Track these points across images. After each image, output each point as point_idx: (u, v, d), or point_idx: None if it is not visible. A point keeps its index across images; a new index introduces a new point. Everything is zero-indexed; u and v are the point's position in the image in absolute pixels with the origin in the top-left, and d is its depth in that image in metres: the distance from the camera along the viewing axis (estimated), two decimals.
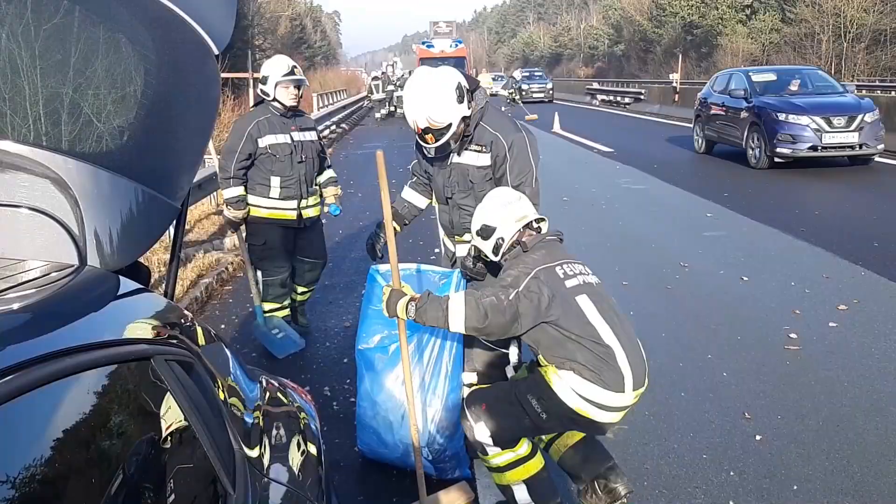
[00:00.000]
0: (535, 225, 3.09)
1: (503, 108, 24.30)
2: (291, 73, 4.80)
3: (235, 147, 4.74)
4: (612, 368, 2.83)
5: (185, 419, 1.60)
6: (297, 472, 2.08)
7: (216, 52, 2.28)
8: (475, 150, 3.40)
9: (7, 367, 1.21)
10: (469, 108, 3.29)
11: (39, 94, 2.05)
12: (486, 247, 3.09)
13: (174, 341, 1.73)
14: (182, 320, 1.92)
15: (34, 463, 1.23)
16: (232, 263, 7.32)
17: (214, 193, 9.80)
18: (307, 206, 5.04)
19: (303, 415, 2.36)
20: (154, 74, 2.18)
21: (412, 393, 3.11)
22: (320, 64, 64.03)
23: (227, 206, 4.91)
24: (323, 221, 5.41)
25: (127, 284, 1.89)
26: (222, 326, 5.70)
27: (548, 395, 2.88)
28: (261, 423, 2.07)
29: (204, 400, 1.70)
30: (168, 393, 1.59)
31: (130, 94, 2.18)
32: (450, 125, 3.22)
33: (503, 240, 3.03)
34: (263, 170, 4.84)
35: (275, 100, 4.82)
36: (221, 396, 1.86)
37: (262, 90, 4.88)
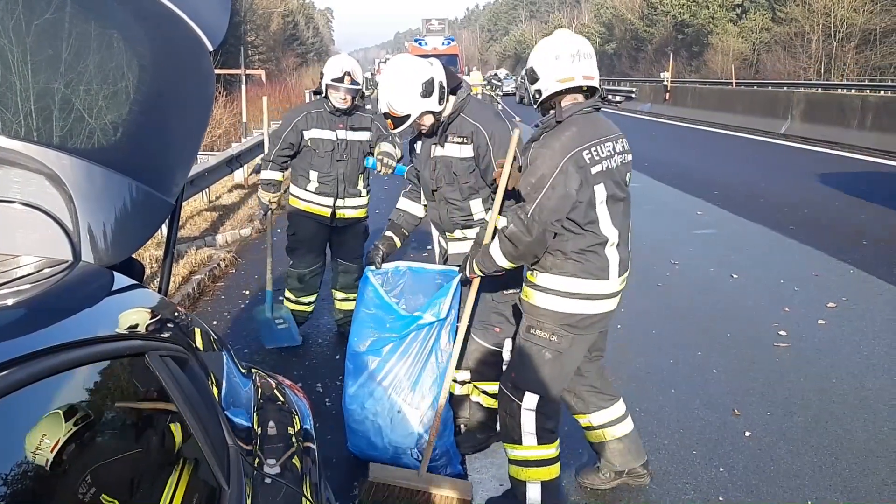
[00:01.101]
0: (584, 89, 2.89)
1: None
2: (341, 79, 4.70)
3: (280, 134, 4.87)
4: (599, 256, 2.85)
5: (179, 415, 1.61)
6: (290, 468, 2.08)
7: (210, 48, 2.28)
8: (457, 142, 3.41)
9: (1, 363, 1.21)
10: (440, 104, 3.34)
11: (31, 90, 2.04)
12: (530, 89, 2.97)
13: (168, 337, 1.74)
14: (176, 316, 1.93)
15: (29, 458, 1.24)
16: (224, 260, 7.31)
17: (207, 190, 9.79)
18: (344, 207, 4.97)
19: (296, 411, 2.37)
20: (148, 70, 2.18)
21: (455, 360, 3.24)
22: (313, 61, 63.89)
23: (260, 186, 5.02)
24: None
25: (121, 280, 1.89)
26: (215, 322, 5.69)
27: (542, 315, 2.92)
28: (254, 419, 2.08)
29: (198, 395, 1.71)
30: (162, 388, 1.60)
31: (123, 90, 2.18)
32: (408, 116, 3.32)
33: (540, 93, 2.90)
34: (305, 162, 4.90)
35: (327, 97, 4.78)
36: (215, 392, 1.87)
37: (320, 84, 4.88)
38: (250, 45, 39.90)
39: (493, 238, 2.98)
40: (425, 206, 3.73)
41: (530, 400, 2.96)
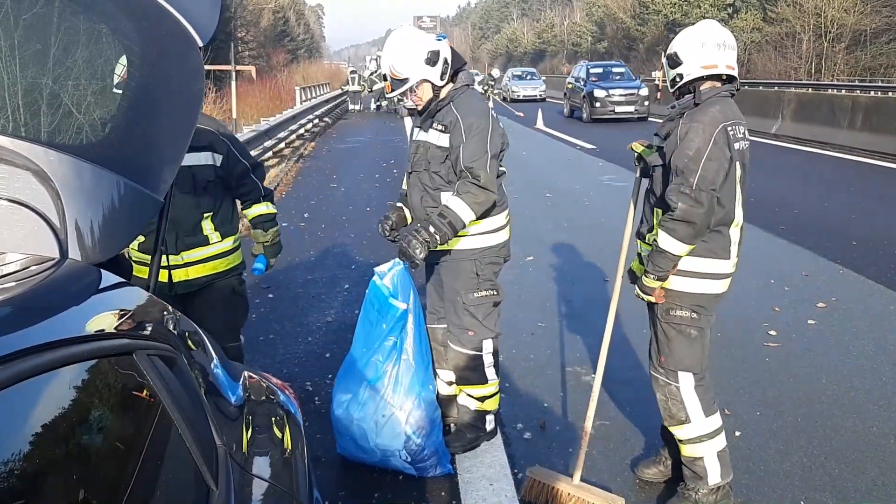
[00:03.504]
0: (724, 77, 3.03)
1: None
2: None
3: None
4: (723, 236, 2.99)
5: (167, 414, 1.59)
6: (279, 468, 2.07)
7: (200, 44, 2.25)
8: (438, 130, 3.38)
9: None
10: (441, 78, 3.31)
11: (18, 85, 2.02)
12: (669, 74, 3.09)
13: (156, 335, 1.72)
14: (164, 314, 1.91)
15: (14, 458, 1.22)
16: None
17: None
18: (182, 264, 3.42)
19: (285, 410, 2.35)
20: (137, 66, 2.16)
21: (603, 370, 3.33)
22: (304, 57, 63.75)
23: None
24: (251, 282, 3.83)
25: (108, 278, 1.86)
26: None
27: (677, 297, 3.03)
28: (243, 419, 2.06)
29: (186, 395, 1.69)
30: (150, 388, 1.58)
31: (111, 85, 2.15)
32: (407, 79, 3.28)
33: (681, 77, 3.02)
34: None
35: None
36: (203, 391, 1.85)
37: None
38: (240, 40, 39.78)
39: (656, 235, 3.00)
40: None
41: (686, 379, 3.08)
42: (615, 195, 10.61)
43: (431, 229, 3.23)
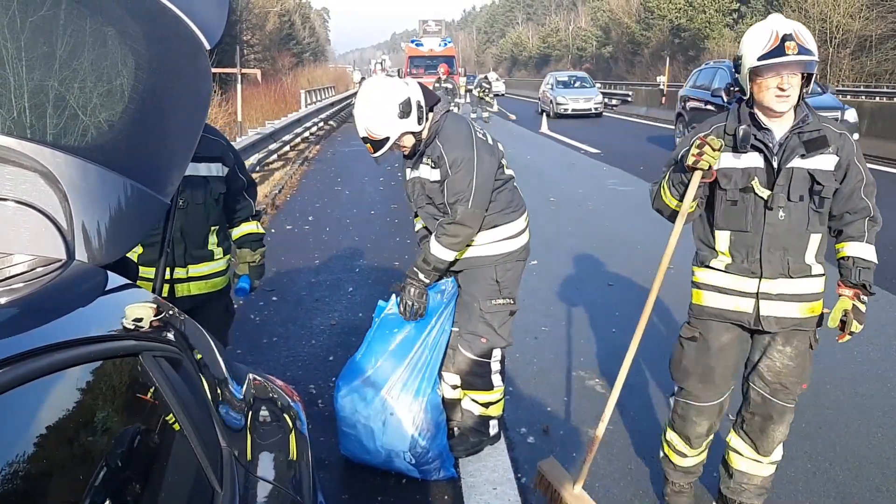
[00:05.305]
0: None
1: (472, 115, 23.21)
2: None
3: None
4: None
5: (173, 416, 1.60)
6: (283, 470, 2.07)
7: (208, 46, 2.26)
8: (428, 165, 3.39)
9: None
10: (419, 124, 3.30)
11: (24, 87, 2.03)
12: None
13: (162, 337, 1.73)
14: (170, 316, 1.91)
15: (20, 460, 1.22)
16: None
17: None
18: (186, 278, 3.34)
19: (289, 412, 2.35)
20: (144, 68, 2.17)
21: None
22: (309, 60, 63.87)
23: None
24: (237, 301, 3.66)
25: (115, 280, 1.87)
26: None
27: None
28: (248, 421, 2.07)
29: (191, 397, 1.69)
30: (155, 389, 1.58)
31: (117, 87, 2.16)
32: (387, 138, 3.25)
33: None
34: None
35: None
36: (209, 393, 1.85)
37: None
38: (246, 44, 39.87)
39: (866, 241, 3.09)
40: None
41: None
42: (620, 200, 10.61)
43: (421, 276, 3.40)
